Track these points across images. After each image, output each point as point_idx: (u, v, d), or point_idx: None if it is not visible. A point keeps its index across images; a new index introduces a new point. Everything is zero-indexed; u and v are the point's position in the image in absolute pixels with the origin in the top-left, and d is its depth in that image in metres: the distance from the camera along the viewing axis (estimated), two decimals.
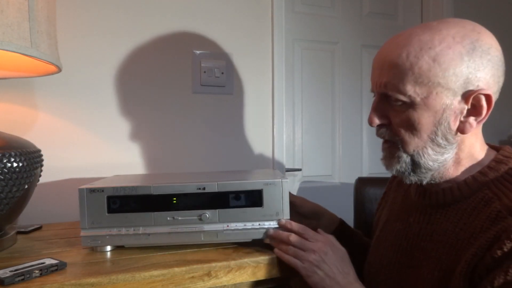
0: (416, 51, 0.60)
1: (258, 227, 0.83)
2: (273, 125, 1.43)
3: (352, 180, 1.46)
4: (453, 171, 0.66)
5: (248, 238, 0.84)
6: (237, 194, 0.83)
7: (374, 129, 0.71)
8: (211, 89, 1.34)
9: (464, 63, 0.59)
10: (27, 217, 1.06)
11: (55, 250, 0.83)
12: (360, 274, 0.77)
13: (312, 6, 1.64)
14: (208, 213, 0.82)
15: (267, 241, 0.82)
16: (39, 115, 1.14)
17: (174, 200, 0.81)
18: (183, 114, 1.31)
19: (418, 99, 0.60)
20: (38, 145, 0.92)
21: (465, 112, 0.61)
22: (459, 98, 0.60)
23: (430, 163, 0.64)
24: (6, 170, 0.76)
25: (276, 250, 0.78)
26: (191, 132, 1.32)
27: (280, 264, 0.78)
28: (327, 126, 1.69)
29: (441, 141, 0.62)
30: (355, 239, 0.96)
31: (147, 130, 1.27)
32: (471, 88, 0.59)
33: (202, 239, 0.82)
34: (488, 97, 0.60)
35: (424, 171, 0.65)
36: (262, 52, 1.41)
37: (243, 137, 1.39)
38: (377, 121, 0.67)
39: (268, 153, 1.43)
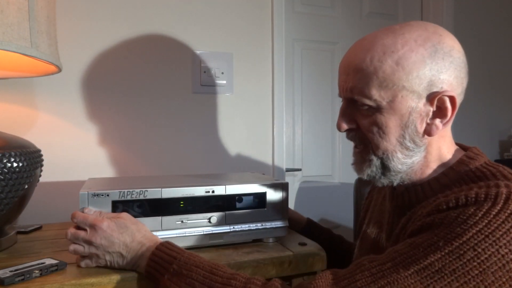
0: (379, 55, 0.60)
1: (261, 227, 0.86)
2: (273, 125, 1.43)
3: (352, 180, 1.46)
4: (421, 174, 0.66)
5: (250, 238, 0.86)
6: (243, 197, 0.85)
7: None
8: (211, 89, 1.34)
9: (427, 65, 0.59)
10: (27, 217, 1.06)
11: (55, 250, 0.83)
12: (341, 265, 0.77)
13: (312, 6, 1.64)
14: (216, 216, 0.82)
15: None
16: (39, 115, 1.14)
17: (182, 203, 0.80)
18: (183, 114, 1.31)
19: (383, 103, 0.61)
20: (38, 145, 0.92)
21: (430, 114, 0.62)
22: (424, 100, 0.61)
23: (399, 166, 0.64)
24: (6, 170, 0.76)
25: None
26: (191, 132, 1.32)
27: (280, 264, 0.78)
28: (327, 126, 1.69)
29: (409, 144, 0.63)
30: (324, 235, 0.99)
31: (147, 130, 1.27)
32: (435, 90, 0.60)
33: (209, 241, 0.82)
34: (452, 99, 0.61)
35: (393, 173, 0.66)
36: (262, 52, 1.41)
37: (243, 137, 1.39)
38: (345, 126, 0.67)
39: (268, 153, 1.43)
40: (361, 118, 0.65)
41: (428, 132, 0.63)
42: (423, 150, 0.64)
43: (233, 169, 1.37)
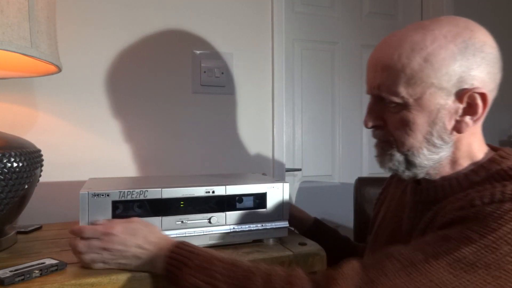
0: (407, 52, 0.60)
1: (261, 228, 0.86)
2: (273, 125, 1.43)
3: (352, 180, 1.46)
4: (449, 169, 0.66)
5: (250, 238, 0.86)
6: (244, 197, 0.85)
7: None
8: (211, 89, 1.34)
9: (457, 62, 0.58)
10: (27, 217, 1.06)
11: (55, 250, 0.83)
12: None
13: (312, 6, 1.64)
14: (216, 216, 0.82)
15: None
16: (39, 115, 1.14)
17: (182, 203, 0.80)
18: (183, 114, 1.31)
19: (411, 100, 0.60)
20: (38, 145, 0.92)
21: (460, 111, 0.61)
22: (453, 97, 0.60)
23: (425, 162, 0.64)
24: (6, 170, 0.76)
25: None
26: (191, 132, 1.32)
27: (280, 264, 0.78)
28: (327, 126, 1.69)
29: (436, 141, 0.62)
30: (330, 235, 0.98)
31: (147, 130, 1.27)
32: (465, 86, 0.59)
33: (209, 241, 0.82)
34: (483, 96, 0.60)
35: (419, 168, 0.65)
36: (262, 52, 1.41)
37: (243, 137, 1.39)
38: (371, 123, 0.67)
39: (268, 153, 1.43)
40: (388, 115, 0.65)
41: (457, 129, 0.62)
42: (451, 146, 0.63)
43: (233, 169, 1.37)
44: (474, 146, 0.65)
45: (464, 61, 0.58)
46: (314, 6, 1.64)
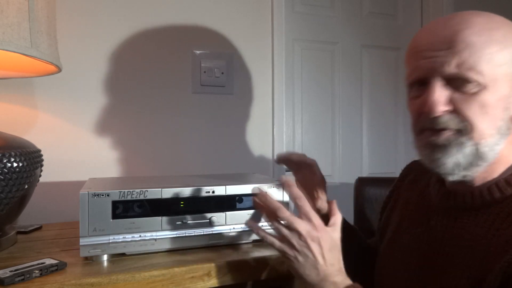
0: (486, 31, 0.57)
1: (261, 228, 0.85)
2: (273, 125, 1.43)
3: (352, 180, 1.46)
4: (491, 169, 0.61)
5: (250, 238, 0.86)
6: (244, 197, 0.84)
7: (374, 129, 0.69)
8: (211, 89, 1.34)
9: None
10: (27, 217, 1.06)
11: (55, 250, 0.83)
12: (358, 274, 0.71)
13: (312, 6, 1.64)
14: (216, 216, 0.82)
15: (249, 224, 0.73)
16: (39, 115, 1.14)
17: (182, 203, 0.80)
18: (183, 114, 1.31)
19: (491, 81, 0.56)
20: (38, 145, 0.92)
21: None
22: None
23: (490, 153, 0.59)
24: (6, 170, 0.76)
25: (252, 224, 0.70)
26: (191, 132, 1.32)
27: (280, 264, 0.78)
28: (327, 126, 1.69)
29: (504, 128, 0.58)
30: (355, 235, 0.91)
31: (147, 130, 1.27)
32: None
33: (209, 241, 0.82)
34: None
35: (480, 163, 0.59)
36: (262, 52, 1.41)
37: (243, 137, 1.39)
38: (442, 107, 0.58)
39: (268, 153, 1.43)
40: (462, 98, 0.58)
41: None
42: (506, 138, 0.59)
43: (233, 169, 1.37)
44: None
45: None
46: (314, 6, 1.64)
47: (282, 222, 0.64)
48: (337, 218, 0.68)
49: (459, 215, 0.63)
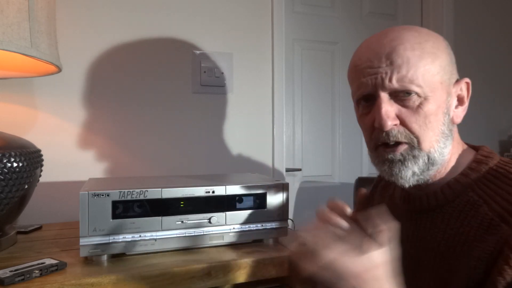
0: (418, 45, 0.60)
1: (261, 228, 0.86)
2: (273, 125, 1.43)
3: (352, 180, 1.46)
4: (445, 167, 0.64)
5: (250, 238, 0.86)
6: (244, 197, 0.85)
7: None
8: (211, 89, 1.34)
9: (449, 55, 0.62)
10: (27, 217, 1.06)
11: (55, 250, 0.83)
12: None
13: (312, 6, 1.64)
14: (216, 216, 0.82)
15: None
16: (39, 115, 1.14)
17: (182, 203, 0.80)
18: (183, 114, 1.31)
19: (431, 91, 0.60)
20: (38, 145, 0.92)
21: (455, 102, 0.64)
22: (453, 88, 0.63)
23: (441, 157, 0.62)
24: (6, 170, 0.76)
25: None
26: (191, 132, 1.32)
27: (280, 264, 0.78)
28: (327, 126, 1.69)
29: (448, 132, 0.63)
30: None
31: (147, 130, 1.27)
32: (456, 78, 0.63)
33: (209, 242, 0.82)
34: (467, 85, 0.64)
35: (435, 168, 0.62)
36: (262, 52, 1.41)
37: (243, 137, 1.39)
38: (391, 121, 0.61)
39: (268, 153, 1.43)
40: (405, 110, 0.61)
41: (455, 120, 0.64)
42: (452, 138, 0.64)
43: (233, 169, 1.37)
44: (459, 139, 0.67)
45: (451, 54, 0.63)
46: (314, 6, 1.64)
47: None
48: (384, 236, 0.53)
49: (419, 217, 0.66)
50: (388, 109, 0.61)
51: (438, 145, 0.62)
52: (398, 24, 1.80)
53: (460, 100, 0.64)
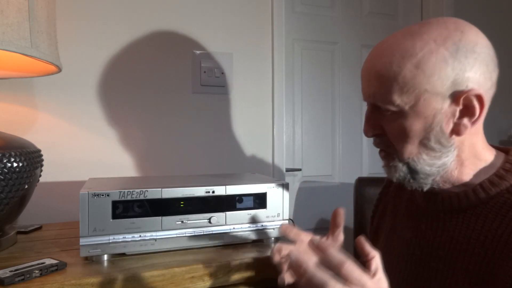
0: (398, 60, 0.59)
1: (261, 228, 0.86)
2: (273, 125, 1.43)
3: (352, 180, 1.46)
4: (458, 174, 0.63)
5: (250, 238, 0.86)
6: (244, 197, 0.85)
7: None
8: (211, 89, 1.34)
9: (449, 65, 0.57)
10: (27, 217, 1.06)
11: (55, 250, 0.83)
12: None
13: (312, 6, 1.64)
14: (216, 216, 0.82)
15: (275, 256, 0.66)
16: (39, 115, 1.14)
17: (182, 203, 0.80)
18: (183, 114, 1.31)
19: (406, 108, 0.60)
20: (38, 145, 0.92)
21: (457, 114, 0.59)
22: (449, 101, 0.59)
23: (427, 168, 0.63)
24: (6, 170, 0.76)
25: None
26: (191, 132, 1.32)
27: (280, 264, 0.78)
28: (327, 126, 1.69)
29: (434, 145, 0.61)
30: None
31: (147, 130, 1.27)
32: (460, 89, 0.58)
33: (209, 242, 0.82)
34: (479, 97, 0.58)
35: (423, 176, 0.63)
36: (262, 52, 1.41)
37: (243, 137, 1.39)
38: (371, 132, 0.66)
39: (268, 153, 1.43)
40: (385, 123, 0.64)
41: (456, 132, 0.60)
42: (454, 150, 0.62)
43: (233, 169, 1.37)
44: (478, 146, 0.64)
45: (456, 63, 0.57)
46: (314, 6, 1.64)
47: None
48: (377, 262, 0.53)
49: (448, 218, 0.65)
50: (370, 117, 0.66)
51: (421, 158, 0.62)
52: (397, 24, 1.80)
53: (470, 111, 0.59)
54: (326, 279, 0.47)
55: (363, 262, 0.53)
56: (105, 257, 0.76)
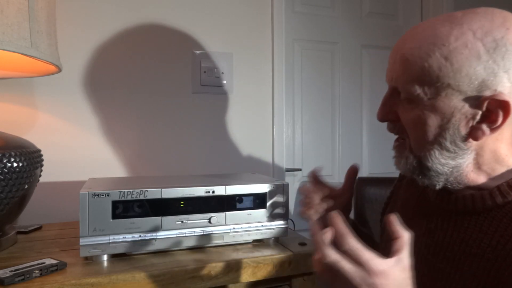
0: (428, 47, 0.54)
1: (261, 228, 0.86)
2: (273, 125, 1.43)
3: None
4: (474, 177, 0.59)
5: (250, 238, 0.86)
6: (244, 197, 0.85)
7: (374, 129, 0.69)
8: (211, 89, 1.34)
9: (482, 63, 0.51)
10: (27, 217, 1.06)
11: (55, 250, 0.83)
12: None
13: (312, 6, 1.64)
14: (216, 216, 0.82)
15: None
16: (39, 115, 1.14)
17: (182, 203, 0.80)
18: (183, 114, 1.31)
19: (425, 99, 0.55)
20: (38, 145, 0.92)
21: (478, 117, 0.54)
22: (471, 101, 0.53)
23: (439, 166, 0.58)
24: (6, 170, 0.76)
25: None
26: (191, 132, 1.32)
27: (280, 264, 0.78)
28: (327, 126, 1.69)
29: (449, 145, 0.57)
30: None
31: (147, 130, 1.27)
32: (487, 92, 0.52)
33: (209, 242, 0.82)
34: (505, 104, 0.52)
35: (434, 174, 0.59)
36: (262, 52, 1.41)
37: (243, 137, 1.39)
38: (382, 116, 0.62)
39: (268, 153, 1.43)
40: (402, 111, 0.60)
41: (473, 136, 0.55)
42: (471, 153, 0.57)
43: (233, 169, 1.37)
44: (501, 152, 0.58)
45: (490, 63, 0.51)
46: (314, 6, 1.64)
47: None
48: (402, 244, 0.51)
49: (460, 219, 0.62)
50: (387, 102, 0.62)
51: (434, 155, 0.58)
52: (397, 24, 1.80)
53: (491, 117, 0.53)
54: (338, 259, 0.48)
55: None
56: (105, 257, 0.76)
